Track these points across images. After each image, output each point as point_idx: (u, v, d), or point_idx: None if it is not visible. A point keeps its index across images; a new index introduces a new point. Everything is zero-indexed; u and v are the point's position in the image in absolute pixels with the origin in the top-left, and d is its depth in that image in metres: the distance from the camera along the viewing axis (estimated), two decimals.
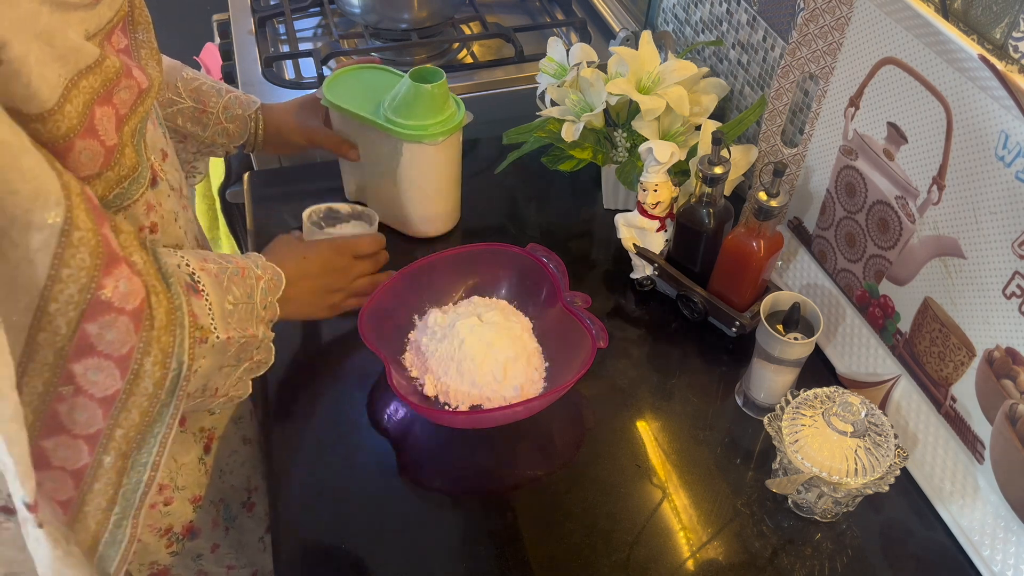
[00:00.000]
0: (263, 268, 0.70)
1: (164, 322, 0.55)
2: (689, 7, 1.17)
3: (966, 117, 0.67)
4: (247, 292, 0.66)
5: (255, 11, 1.37)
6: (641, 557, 0.71)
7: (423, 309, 0.86)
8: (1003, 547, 0.69)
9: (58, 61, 0.51)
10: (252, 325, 0.66)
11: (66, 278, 0.49)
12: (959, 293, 0.72)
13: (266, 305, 0.69)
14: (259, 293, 0.68)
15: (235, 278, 0.65)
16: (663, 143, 0.86)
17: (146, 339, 0.54)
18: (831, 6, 0.79)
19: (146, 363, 0.54)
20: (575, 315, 0.79)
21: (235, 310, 0.64)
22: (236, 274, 0.66)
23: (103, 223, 0.52)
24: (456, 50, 1.34)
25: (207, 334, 0.60)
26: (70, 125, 0.52)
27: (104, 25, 0.57)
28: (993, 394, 0.70)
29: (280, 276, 0.71)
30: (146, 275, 0.55)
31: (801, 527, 0.73)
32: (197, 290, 0.61)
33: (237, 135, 0.95)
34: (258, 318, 0.67)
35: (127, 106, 0.58)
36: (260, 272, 0.69)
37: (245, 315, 0.65)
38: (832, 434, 0.68)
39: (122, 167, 0.58)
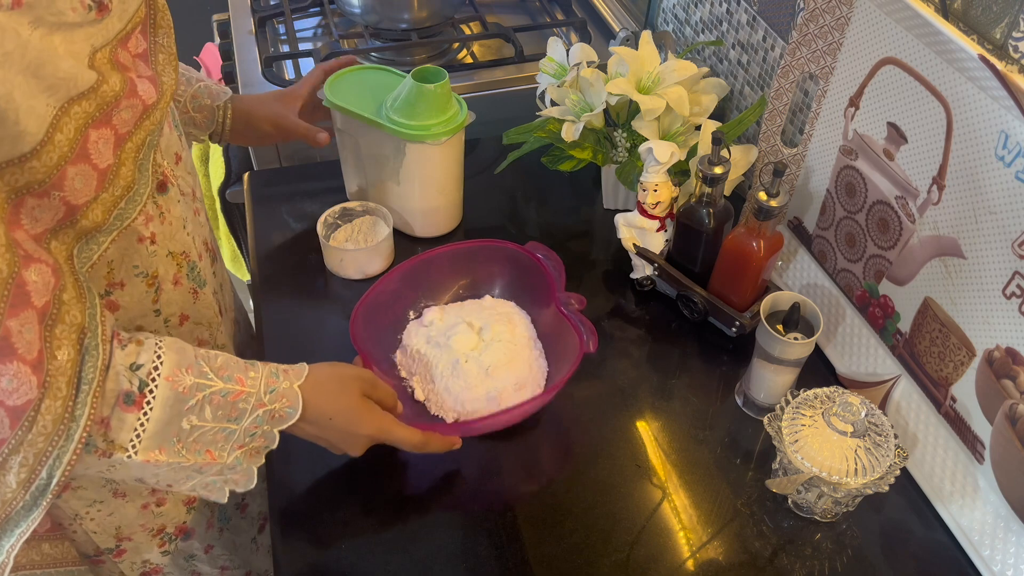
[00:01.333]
0: (278, 396, 0.63)
1: (49, 430, 0.51)
2: (689, 7, 1.17)
3: (966, 117, 0.67)
4: (229, 416, 0.60)
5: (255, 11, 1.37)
6: (641, 557, 0.71)
7: (420, 305, 0.87)
8: (1003, 547, 0.69)
9: (46, 92, 0.50)
10: (220, 450, 0.61)
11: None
12: (959, 293, 0.72)
13: (256, 433, 0.62)
14: (249, 420, 0.61)
15: (218, 399, 0.59)
16: (663, 143, 0.86)
17: (19, 439, 0.50)
18: (831, 6, 0.79)
19: (12, 460, 0.51)
20: (567, 317, 0.79)
21: (192, 432, 0.59)
22: (225, 395, 0.60)
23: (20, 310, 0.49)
24: (456, 50, 1.34)
25: (114, 450, 0.56)
26: (61, 153, 0.51)
27: (113, 37, 0.56)
28: (993, 394, 0.70)
29: (296, 410, 0.64)
30: (55, 375, 0.51)
31: (801, 527, 0.73)
32: (134, 402, 0.56)
33: (204, 125, 0.92)
34: (235, 444, 0.62)
35: (128, 125, 0.58)
36: (267, 399, 0.62)
37: (211, 439, 0.60)
38: (832, 434, 0.68)
39: (116, 187, 0.58)
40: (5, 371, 0.49)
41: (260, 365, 0.63)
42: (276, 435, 0.64)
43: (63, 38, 0.52)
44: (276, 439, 0.64)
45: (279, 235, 1.02)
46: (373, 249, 0.94)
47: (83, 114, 0.53)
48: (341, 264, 0.95)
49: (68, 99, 0.52)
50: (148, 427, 0.56)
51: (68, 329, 0.52)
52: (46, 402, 0.51)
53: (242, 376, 0.61)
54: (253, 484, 0.65)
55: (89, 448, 0.55)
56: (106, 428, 0.55)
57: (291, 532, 0.72)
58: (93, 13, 0.53)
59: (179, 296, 0.71)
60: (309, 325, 0.91)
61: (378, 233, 0.97)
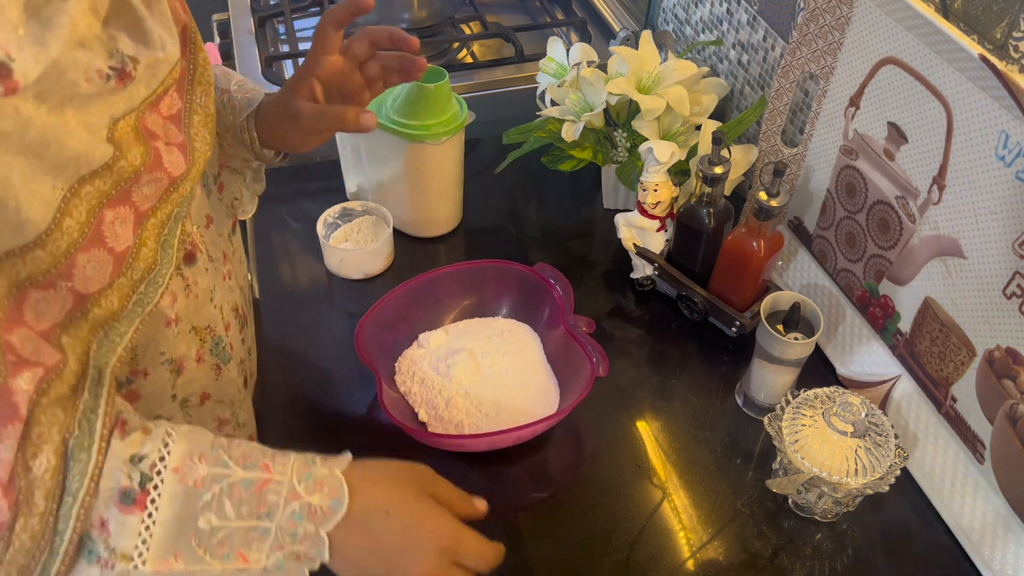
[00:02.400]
0: (315, 484, 0.50)
1: (28, 546, 0.44)
2: (689, 7, 1.17)
3: (966, 117, 0.67)
4: (256, 512, 0.49)
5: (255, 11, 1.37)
6: (641, 557, 0.71)
7: (425, 324, 0.86)
8: (1003, 547, 0.69)
9: (52, 172, 0.44)
10: (254, 551, 0.49)
11: None
12: (959, 293, 0.72)
13: (297, 533, 0.49)
14: (283, 515, 0.49)
15: (239, 492, 0.49)
16: (663, 143, 0.86)
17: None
18: (831, 6, 0.79)
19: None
20: (577, 341, 0.79)
21: (215, 533, 0.48)
22: (248, 486, 0.49)
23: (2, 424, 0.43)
24: (456, 50, 1.34)
25: (121, 561, 0.46)
26: (71, 240, 0.46)
27: (139, 104, 0.50)
28: (993, 394, 0.70)
29: (341, 501, 0.50)
30: (28, 491, 0.44)
31: (801, 527, 0.73)
32: (135, 501, 0.47)
33: (231, 151, 0.74)
34: (274, 546, 0.49)
35: (151, 200, 0.51)
36: (302, 489, 0.50)
37: (241, 539, 0.49)
38: (832, 434, 0.68)
39: (136, 270, 0.51)
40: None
41: (294, 454, 0.52)
42: (324, 538, 0.49)
43: (76, 111, 0.45)
44: (325, 546, 0.50)
45: (279, 235, 1.02)
46: (373, 249, 0.94)
47: (97, 193, 0.47)
48: (341, 264, 0.95)
49: (79, 178, 0.46)
50: (155, 530, 0.47)
51: (47, 430, 0.45)
52: (20, 521, 0.44)
53: (268, 462, 0.50)
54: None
55: (91, 557, 0.47)
56: (106, 533, 0.46)
57: None
58: (112, 82, 0.47)
59: (201, 374, 0.63)
60: (309, 325, 0.91)
61: (378, 233, 0.97)
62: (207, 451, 0.50)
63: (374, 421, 0.80)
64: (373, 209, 0.98)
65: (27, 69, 0.41)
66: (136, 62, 0.48)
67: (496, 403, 0.78)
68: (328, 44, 0.69)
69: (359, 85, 0.71)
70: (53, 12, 0.43)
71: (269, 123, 0.71)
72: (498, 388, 0.79)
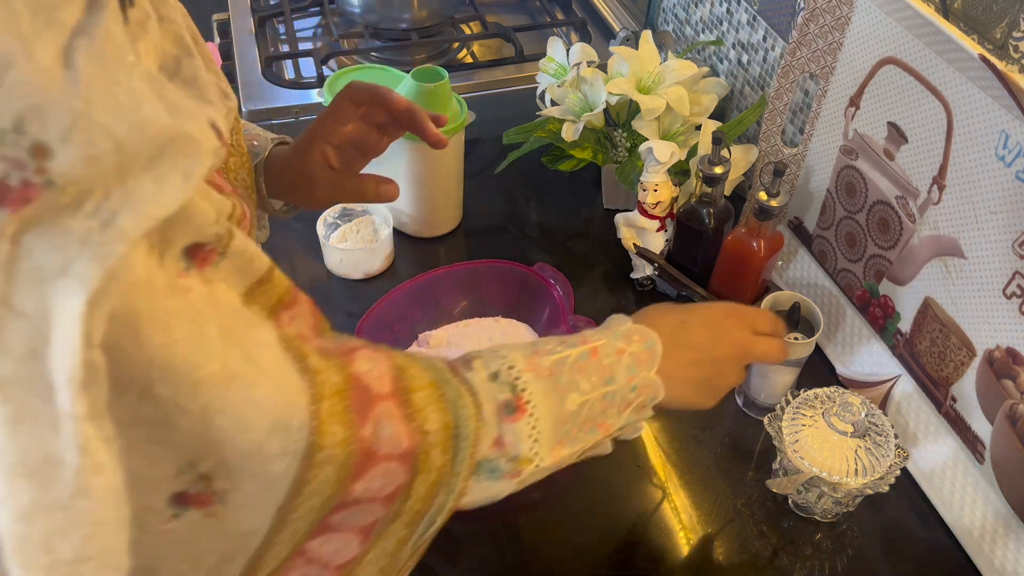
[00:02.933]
0: (627, 335, 0.55)
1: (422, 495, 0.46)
2: (689, 7, 1.17)
3: (966, 117, 0.67)
4: (604, 377, 0.53)
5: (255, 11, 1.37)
6: (641, 557, 0.71)
7: (425, 324, 0.86)
8: (1003, 547, 0.69)
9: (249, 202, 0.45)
10: (611, 417, 0.54)
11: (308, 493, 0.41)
12: (959, 293, 0.72)
13: (636, 385, 0.54)
14: (623, 371, 0.54)
15: (581, 364, 0.52)
16: (663, 143, 0.86)
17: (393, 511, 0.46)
18: (831, 6, 0.79)
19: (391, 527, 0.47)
20: None
21: (581, 410, 0.52)
22: (583, 358, 0.53)
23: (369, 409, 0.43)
24: (456, 50, 1.34)
25: (522, 465, 0.50)
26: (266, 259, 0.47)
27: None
28: (993, 394, 0.70)
29: (653, 344, 0.55)
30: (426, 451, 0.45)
31: (801, 527, 0.73)
32: (517, 408, 0.49)
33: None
34: (622, 403, 0.54)
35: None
36: (622, 344, 0.55)
37: (600, 408, 0.53)
38: (832, 434, 0.68)
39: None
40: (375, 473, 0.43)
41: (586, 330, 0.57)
42: (657, 380, 0.55)
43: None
44: (659, 385, 0.55)
45: (279, 235, 1.02)
46: (373, 249, 0.94)
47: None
48: (341, 264, 0.95)
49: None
50: (541, 425, 0.50)
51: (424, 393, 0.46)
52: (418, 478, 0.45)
53: (582, 338, 0.54)
54: (640, 431, 0.59)
55: (495, 476, 0.50)
56: (502, 448, 0.49)
57: None
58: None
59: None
60: None
61: (378, 233, 0.97)
62: (533, 347, 0.52)
63: None
64: (373, 209, 0.98)
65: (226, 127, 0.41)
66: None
67: None
68: (344, 117, 0.69)
69: (376, 138, 0.71)
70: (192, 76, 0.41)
71: (280, 179, 0.71)
72: None
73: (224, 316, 0.38)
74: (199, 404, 0.35)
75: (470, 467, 0.48)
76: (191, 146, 0.34)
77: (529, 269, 0.85)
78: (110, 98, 0.30)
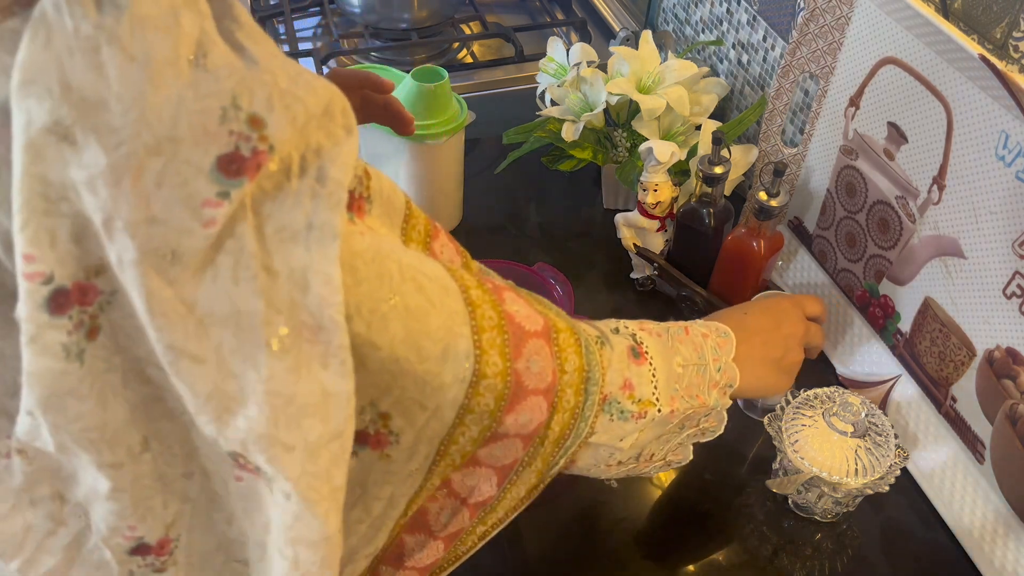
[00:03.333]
0: (703, 327, 0.59)
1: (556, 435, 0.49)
2: (689, 7, 1.17)
3: (966, 117, 0.67)
4: (696, 353, 0.56)
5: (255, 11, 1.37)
6: (641, 557, 0.71)
7: None
8: (1003, 547, 0.69)
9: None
10: (703, 391, 0.56)
11: (469, 422, 0.45)
12: (959, 293, 0.72)
13: (720, 367, 0.58)
14: (709, 352, 0.57)
15: (680, 337, 0.56)
16: (663, 143, 0.86)
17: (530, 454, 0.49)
18: (831, 6, 0.79)
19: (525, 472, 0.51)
20: None
21: (684, 373, 0.55)
22: (679, 333, 0.57)
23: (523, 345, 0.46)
24: (456, 50, 1.34)
25: (647, 407, 0.52)
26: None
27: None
28: (993, 394, 0.70)
29: (727, 332, 0.59)
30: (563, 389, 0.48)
31: (801, 527, 0.73)
32: (640, 355, 0.53)
33: None
34: (711, 382, 0.57)
35: None
36: (704, 330, 0.58)
37: (695, 379, 0.56)
38: (832, 434, 0.68)
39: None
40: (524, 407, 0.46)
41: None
42: (734, 367, 0.58)
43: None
44: (736, 371, 0.58)
45: None
46: None
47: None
48: None
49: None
50: (658, 375, 0.53)
51: (564, 335, 0.49)
52: (555, 416, 0.48)
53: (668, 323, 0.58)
54: (723, 426, 0.60)
55: (625, 416, 0.52)
56: (631, 389, 0.52)
57: None
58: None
59: None
60: None
61: None
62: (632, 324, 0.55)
63: None
64: None
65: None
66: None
67: None
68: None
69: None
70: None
71: None
72: None
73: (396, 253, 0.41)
74: (387, 338, 0.38)
75: (597, 411, 0.51)
76: (341, 101, 0.37)
77: (529, 269, 0.85)
78: (281, 69, 0.33)
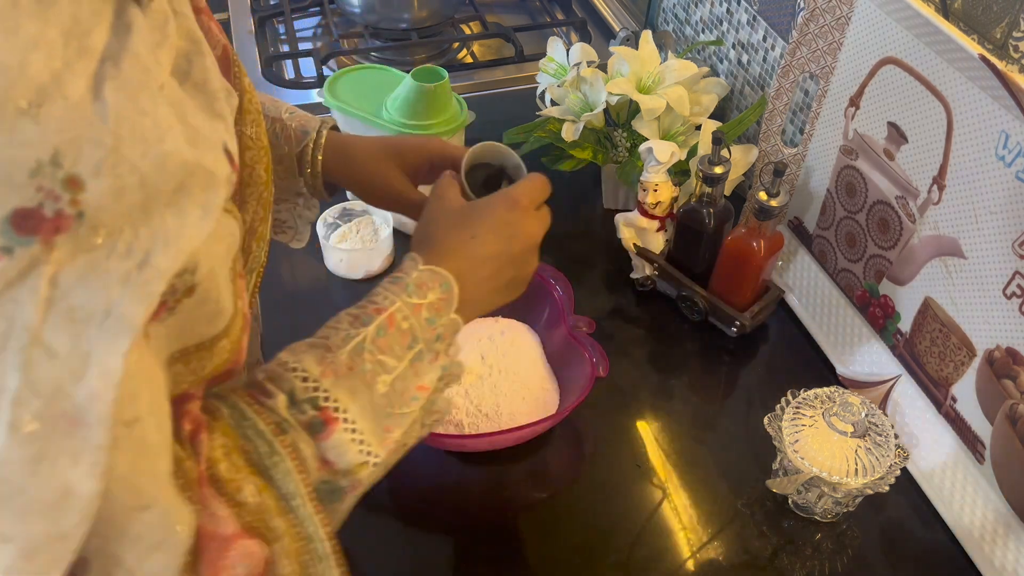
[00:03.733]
0: (420, 285, 0.52)
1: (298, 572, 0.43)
2: (689, 7, 1.17)
3: (966, 117, 0.67)
4: (406, 343, 0.51)
5: (255, 11, 1.37)
6: (641, 557, 0.71)
7: None
8: (1003, 547, 0.69)
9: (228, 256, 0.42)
10: (425, 376, 0.52)
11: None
12: (959, 293, 0.72)
13: (439, 335, 0.52)
14: (423, 328, 0.51)
15: (380, 342, 0.50)
16: (663, 143, 0.86)
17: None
18: (831, 6, 0.79)
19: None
20: (577, 341, 0.78)
21: (394, 388, 0.50)
22: (381, 333, 0.50)
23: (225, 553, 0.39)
24: (456, 50, 1.34)
25: (358, 471, 0.47)
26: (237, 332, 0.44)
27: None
28: (993, 394, 0.70)
29: (449, 284, 0.53)
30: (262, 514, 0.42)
31: (801, 527, 0.73)
32: (325, 422, 0.46)
33: (283, 184, 0.72)
34: (432, 356, 0.52)
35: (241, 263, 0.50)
36: (416, 299, 0.52)
37: (412, 376, 0.51)
38: (832, 434, 0.68)
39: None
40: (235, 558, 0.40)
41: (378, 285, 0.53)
42: (457, 319, 0.53)
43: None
44: (459, 322, 0.53)
45: None
46: (373, 249, 0.94)
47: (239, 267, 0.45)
48: (341, 264, 0.95)
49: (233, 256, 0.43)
50: (360, 425, 0.47)
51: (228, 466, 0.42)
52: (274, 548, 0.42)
53: (374, 306, 0.51)
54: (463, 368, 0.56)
55: (340, 495, 0.47)
56: (331, 467, 0.46)
57: None
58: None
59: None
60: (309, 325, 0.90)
61: (378, 233, 0.97)
62: (324, 343, 0.50)
63: None
64: (373, 209, 0.98)
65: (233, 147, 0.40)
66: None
67: (496, 403, 0.78)
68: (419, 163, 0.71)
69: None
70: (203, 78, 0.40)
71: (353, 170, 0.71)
72: (498, 388, 0.79)
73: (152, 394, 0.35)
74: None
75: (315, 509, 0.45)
76: (207, 179, 0.34)
77: None
78: (137, 131, 0.31)
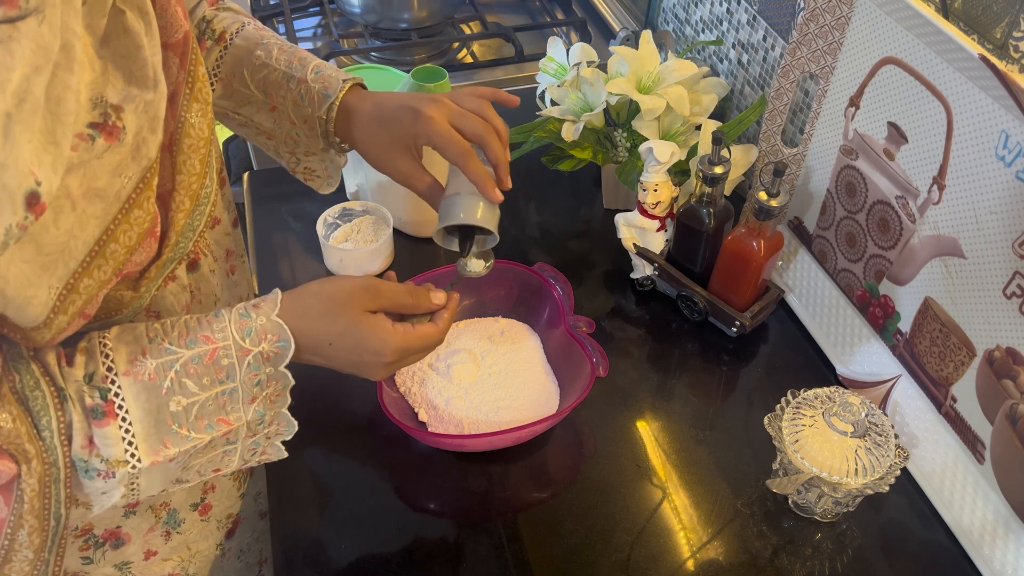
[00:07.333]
0: (260, 333, 0.55)
1: (37, 490, 0.49)
2: (689, 7, 1.17)
3: (966, 117, 0.67)
4: (217, 378, 0.54)
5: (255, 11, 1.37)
6: (641, 557, 0.71)
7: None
8: (1003, 547, 0.69)
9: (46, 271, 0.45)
10: (232, 413, 0.55)
11: None
12: (959, 293, 0.72)
13: (260, 380, 0.55)
14: (243, 372, 0.54)
15: (191, 368, 0.53)
16: (663, 143, 0.86)
17: (17, 513, 0.48)
18: (831, 6, 0.79)
19: (19, 535, 0.49)
20: (577, 341, 0.78)
21: (189, 411, 0.53)
22: (197, 361, 0.53)
23: None
24: (456, 50, 1.34)
25: (117, 466, 0.51)
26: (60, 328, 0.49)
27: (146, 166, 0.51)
28: (993, 394, 0.70)
29: (288, 342, 0.55)
30: (14, 439, 0.48)
31: (801, 527, 0.73)
32: (105, 413, 0.50)
33: (309, 142, 0.74)
34: (247, 397, 0.55)
35: (143, 264, 0.54)
36: (248, 343, 0.54)
37: (214, 407, 0.54)
38: (832, 434, 0.68)
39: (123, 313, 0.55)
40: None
41: (225, 312, 0.56)
42: (285, 372, 0.56)
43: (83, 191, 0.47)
44: (288, 376, 0.56)
45: (279, 235, 1.02)
46: (373, 249, 0.94)
47: (96, 284, 0.49)
48: (341, 264, 0.95)
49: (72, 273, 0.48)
50: (135, 429, 0.51)
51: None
52: (23, 467, 0.48)
53: (207, 334, 0.54)
54: (295, 428, 0.59)
55: (91, 475, 0.51)
56: (93, 449, 0.51)
57: (286, 525, 0.72)
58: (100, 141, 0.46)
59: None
60: None
61: (378, 233, 0.97)
62: (147, 345, 0.52)
63: (374, 421, 0.80)
64: (373, 209, 0.98)
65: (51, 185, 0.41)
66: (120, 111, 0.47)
67: (496, 403, 0.78)
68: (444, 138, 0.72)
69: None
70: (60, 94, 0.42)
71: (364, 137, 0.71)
72: (498, 388, 0.79)
73: None
74: None
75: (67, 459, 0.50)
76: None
77: (529, 269, 0.85)
78: None
